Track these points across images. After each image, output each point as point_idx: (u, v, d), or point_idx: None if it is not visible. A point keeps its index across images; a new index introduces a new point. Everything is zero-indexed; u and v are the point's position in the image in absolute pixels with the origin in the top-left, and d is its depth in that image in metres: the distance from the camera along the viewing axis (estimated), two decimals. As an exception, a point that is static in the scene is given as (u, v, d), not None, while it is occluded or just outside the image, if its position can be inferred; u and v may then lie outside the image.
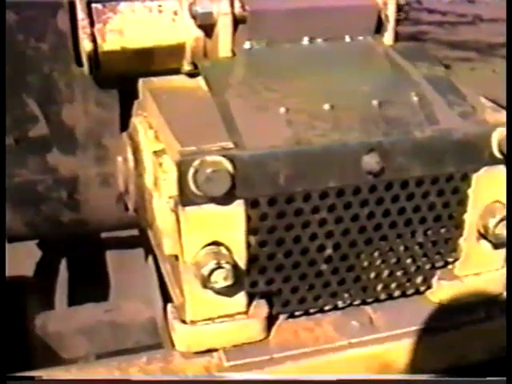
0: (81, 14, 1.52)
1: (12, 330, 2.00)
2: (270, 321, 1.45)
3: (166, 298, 1.67)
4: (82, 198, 1.78)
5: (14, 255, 2.29)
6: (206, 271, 1.29)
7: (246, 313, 1.41)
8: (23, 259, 2.38)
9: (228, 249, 1.33)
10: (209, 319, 1.39)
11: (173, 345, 1.47)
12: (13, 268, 2.31)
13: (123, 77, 1.65)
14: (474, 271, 1.55)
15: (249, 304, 1.41)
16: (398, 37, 1.62)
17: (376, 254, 1.46)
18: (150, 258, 2.00)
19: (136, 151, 1.56)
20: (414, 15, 6.76)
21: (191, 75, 1.58)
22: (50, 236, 1.99)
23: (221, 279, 1.30)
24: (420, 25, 6.63)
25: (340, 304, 1.51)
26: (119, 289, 2.34)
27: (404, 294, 1.55)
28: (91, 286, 2.37)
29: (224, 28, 1.49)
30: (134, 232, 2.16)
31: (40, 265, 2.43)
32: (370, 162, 1.33)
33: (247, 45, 1.49)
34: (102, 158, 1.74)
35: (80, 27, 1.52)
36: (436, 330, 1.51)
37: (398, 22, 1.61)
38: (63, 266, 2.44)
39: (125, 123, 1.69)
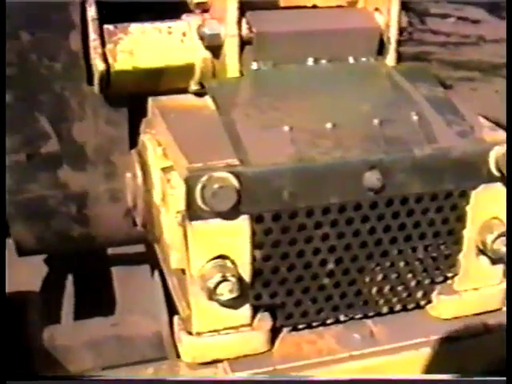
0: (93, 35, 1.56)
1: (18, 343, 2.03)
2: (274, 333, 1.48)
3: (172, 312, 1.70)
4: (91, 214, 1.81)
5: (22, 270, 2.33)
6: (211, 284, 1.33)
7: (250, 325, 1.44)
8: (30, 274, 2.41)
9: (233, 262, 1.36)
10: (214, 331, 1.43)
11: (178, 357, 1.50)
12: (20, 283, 2.35)
13: (133, 95, 1.69)
14: (473, 286, 1.58)
15: (253, 316, 1.44)
16: (401, 57, 1.65)
17: (377, 268, 1.49)
18: (156, 273, 2.02)
19: (144, 168, 1.59)
20: (418, 36, 6.79)
21: (199, 94, 1.62)
22: (59, 250, 2.01)
23: (226, 292, 1.33)
24: (424, 45, 6.65)
25: (342, 317, 1.53)
26: (125, 303, 2.36)
27: (404, 308, 1.57)
28: (97, 300, 2.39)
29: (231, 49, 1.53)
30: (141, 248, 2.19)
31: (47, 280, 2.46)
32: (371, 178, 1.37)
33: (254, 65, 1.53)
34: (111, 175, 1.77)
35: (92, 47, 1.56)
36: (435, 344, 1.53)
37: (401, 42, 1.65)
38: (69, 280, 2.46)
39: (133, 140, 1.72)
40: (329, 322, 1.54)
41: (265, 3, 1.59)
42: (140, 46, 1.59)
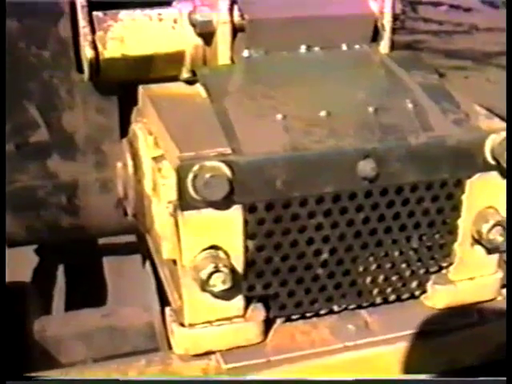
0: (82, 22, 1.54)
1: (10, 334, 2.01)
2: (267, 324, 1.47)
3: (164, 303, 1.69)
4: (81, 204, 1.79)
5: (12, 261, 2.31)
6: (204, 275, 1.31)
7: (243, 316, 1.43)
8: (21, 265, 2.40)
9: (226, 253, 1.35)
10: (207, 322, 1.41)
11: (170, 349, 1.49)
12: (10, 273, 2.33)
13: (123, 84, 1.67)
14: (468, 276, 1.57)
15: (246, 307, 1.43)
16: (394, 45, 1.64)
17: (371, 258, 1.48)
18: (148, 264, 2.01)
19: (135, 157, 1.58)
20: (410, 24, 6.79)
21: (190, 82, 1.60)
22: (49, 241, 2.00)
23: (219, 283, 1.32)
24: (416, 34, 6.66)
25: (336, 308, 1.52)
26: (117, 294, 2.35)
27: (399, 299, 1.57)
28: (88, 291, 2.38)
29: (223, 36, 1.51)
30: (132, 238, 2.17)
31: (37, 270, 2.45)
32: (366, 167, 1.36)
33: (246, 53, 1.51)
34: (102, 164, 1.76)
35: (82, 35, 1.54)
36: (430, 334, 1.53)
37: (394, 30, 1.63)
38: (60, 271, 2.45)
39: (124, 129, 1.70)
40: (323, 312, 1.52)
41: (257, -11, 1.57)
42: (130, 34, 1.57)
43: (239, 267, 1.37)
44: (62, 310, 2.29)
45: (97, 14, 1.57)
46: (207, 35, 1.54)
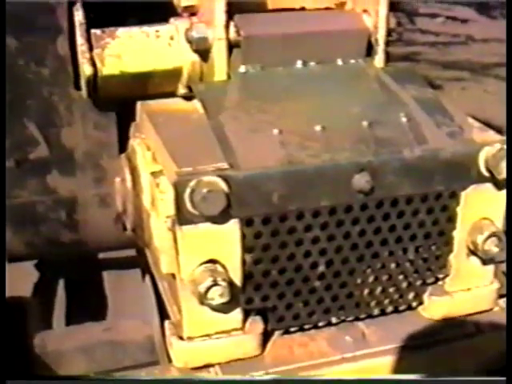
0: (80, 40, 1.56)
1: (11, 348, 2.02)
2: (266, 337, 1.48)
3: (163, 316, 1.70)
4: (80, 219, 1.81)
5: (13, 276, 2.32)
6: (202, 288, 1.32)
7: (241, 329, 1.44)
8: (21, 279, 2.40)
9: (224, 266, 1.36)
10: (205, 335, 1.42)
11: (170, 362, 1.50)
12: (11, 288, 2.34)
13: (121, 100, 1.69)
14: (465, 287, 1.58)
15: (244, 320, 1.44)
16: (391, 57, 1.66)
17: (368, 270, 1.49)
18: (147, 278, 2.02)
19: (134, 172, 1.59)
20: (407, 36, 6.81)
21: (187, 98, 1.61)
22: (49, 256, 2.01)
23: (217, 296, 1.33)
24: (413, 45, 6.68)
25: (334, 320, 1.53)
26: (117, 308, 2.36)
27: (396, 310, 1.58)
28: (89, 305, 2.38)
29: (219, 52, 1.52)
30: (131, 252, 2.18)
31: (38, 285, 2.45)
32: (361, 181, 1.37)
33: (242, 68, 1.53)
34: (101, 179, 1.77)
35: (80, 52, 1.56)
36: (428, 345, 1.54)
37: (390, 43, 1.65)
38: (61, 286, 2.46)
39: (122, 145, 1.72)
40: (320, 324, 1.53)
41: (253, 6, 1.59)
42: (128, 50, 1.59)
43: (237, 280, 1.38)
44: (63, 325, 2.30)
45: (94, 31, 1.59)
46: (204, 51, 1.56)
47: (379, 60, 1.63)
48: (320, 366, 1.47)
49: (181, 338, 1.43)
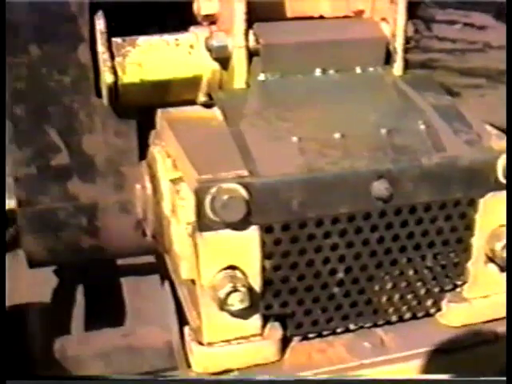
0: (101, 48, 1.58)
1: (30, 354, 2.04)
2: (284, 342, 1.49)
3: (182, 322, 1.71)
4: (101, 225, 1.82)
5: (32, 281, 2.34)
6: (222, 294, 1.33)
7: (260, 335, 1.45)
8: (41, 285, 2.43)
9: (243, 272, 1.37)
10: (225, 341, 1.43)
11: (189, 368, 1.51)
12: (31, 294, 2.36)
13: (141, 107, 1.70)
14: (482, 294, 1.58)
15: (263, 326, 1.45)
16: (408, 65, 1.66)
17: (387, 277, 1.50)
18: (167, 284, 2.03)
19: (154, 179, 1.61)
20: (424, 43, 6.79)
21: (207, 106, 1.63)
22: (69, 262, 2.02)
23: (237, 302, 1.34)
24: (430, 52, 6.66)
25: (352, 326, 1.54)
26: (135, 314, 2.37)
27: (414, 317, 1.58)
28: (107, 311, 2.40)
29: (239, 61, 1.54)
30: (150, 258, 2.20)
31: (57, 291, 2.47)
32: (380, 188, 1.38)
33: (261, 76, 1.54)
34: (121, 186, 1.78)
35: (101, 60, 1.58)
36: (445, 352, 1.54)
37: (407, 50, 1.66)
38: (80, 291, 2.47)
39: (143, 152, 1.73)
40: (339, 330, 1.54)
41: (272, 15, 1.61)
42: (148, 59, 1.61)
43: (256, 286, 1.39)
44: (82, 330, 2.31)
45: (115, 39, 1.60)
46: (223, 60, 1.58)
47: (397, 68, 1.63)
48: (338, 371, 1.47)
49: (200, 343, 1.44)
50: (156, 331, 2.14)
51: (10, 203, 2.02)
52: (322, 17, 1.67)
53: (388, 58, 1.64)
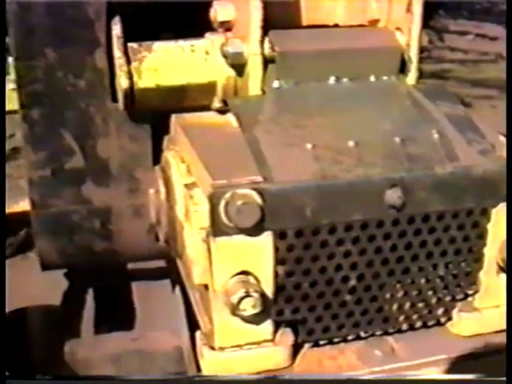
0: (118, 53, 1.59)
1: (39, 356, 2.05)
2: (296, 349, 1.49)
3: (193, 327, 1.71)
4: (114, 229, 1.82)
5: (43, 285, 2.35)
6: (235, 299, 1.34)
7: (272, 340, 1.46)
8: (52, 288, 2.43)
9: (256, 278, 1.38)
10: (236, 346, 1.44)
11: (199, 372, 1.52)
12: (41, 297, 2.37)
13: (156, 112, 1.71)
14: (494, 304, 1.58)
15: (275, 332, 1.46)
16: (421, 75, 1.67)
17: (398, 285, 1.50)
18: (177, 288, 2.04)
19: (168, 184, 1.61)
20: (436, 53, 6.79)
21: (221, 112, 1.64)
22: (82, 265, 2.03)
23: (249, 307, 1.35)
24: (443, 63, 6.65)
25: (363, 334, 1.54)
26: (145, 318, 2.37)
27: (425, 325, 1.58)
28: (118, 315, 2.40)
29: (254, 67, 1.55)
30: (161, 263, 2.20)
31: (68, 293, 2.48)
32: (393, 196, 1.39)
33: (276, 84, 1.55)
34: (135, 190, 1.79)
35: (117, 65, 1.59)
36: (456, 361, 1.54)
37: (421, 59, 1.67)
38: (90, 295, 2.48)
39: (157, 157, 1.74)
40: (350, 338, 1.54)
41: (287, 22, 1.62)
42: (164, 64, 1.62)
43: (269, 292, 1.40)
44: (92, 334, 2.32)
45: (132, 44, 1.62)
46: (239, 66, 1.59)
47: (411, 77, 1.64)
48: (349, 379, 1.48)
49: (212, 348, 1.45)
50: (166, 335, 2.14)
51: (23, 205, 2.03)
52: (337, 25, 1.68)
53: (402, 68, 1.64)
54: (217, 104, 1.67)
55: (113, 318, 2.38)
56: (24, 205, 1.91)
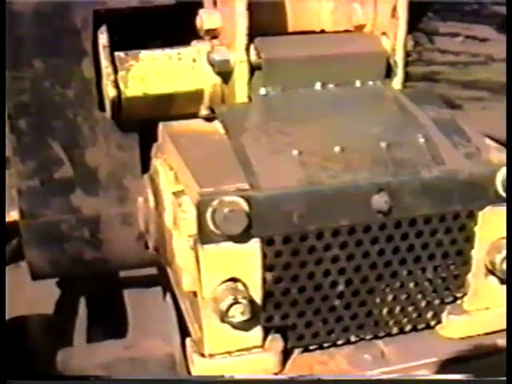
0: (105, 62, 1.59)
1: (32, 364, 2.05)
2: (285, 354, 1.49)
3: (184, 334, 1.71)
4: (103, 237, 1.83)
5: (35, 294, 2.35)
6: (223, 306, 1.34)
7: (262, 346, 1.46)
8: (44, 297, 2.44)
9: (245, 285, 1.38)
10: (226, 353, 1.44)
11: (190, 379, 1.52)
12: (34, 306, 2.37)
13: (143, 121, 1.72)
14: (483, 306, 1.58)
15: (265, 338, 1.45)
16: (411, 77, 1.68)
17: (387, 289, 1.50)
18: (168, 296, 2.04)
19: (156, 192, 1.62)
20: (426, 55, 6.80)
21: (209, 119, 1.64)
22: (72, 274, 2.03)
23: (238, 314, 1.35)
24: (433, 65, 6.67)
25: (353, 338, 1.54)
26: (138, 326, 2.38)
27: (415, 329, 1.58)
28: (110, 323, 2.41)
29: (240, 75, 1.56)
30: (152, 270, 2.21)
31: (60, 302, 2.48)
32: (380, 201, 1.39)
33: (263, 90, 1.56)
34: (124, 199, 1.79)
35: (104, 74, 1.59)
36: (446, 364, 1.54)
37: (409, 63, 1.67)
38: (82, 303, 2.48)
39: (145, 165, 1.75)
40: (340, 342, 1.54)
41: (273, 29, 1.62)
42: (151, 73, 1.62)
43: (258, 299, 1.40)
44: (84, 342, 2.32)
45: (118, 53, 1.62)
46: (225, 74, 1.59)
47: (397, 81, 1.65)
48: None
49: (202, 355, 1.45)
50: (158, 343, 2.15)
51: (13, 215, 2.03)
52: (323, 31, 1.69)
53: (388, 72, 1.65)
54: (204, 112, 1.67)
55: (105, 325, 2.38)
56: (14, 214, 1.91)
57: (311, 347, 1.53)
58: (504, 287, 1.57)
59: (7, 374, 1.44)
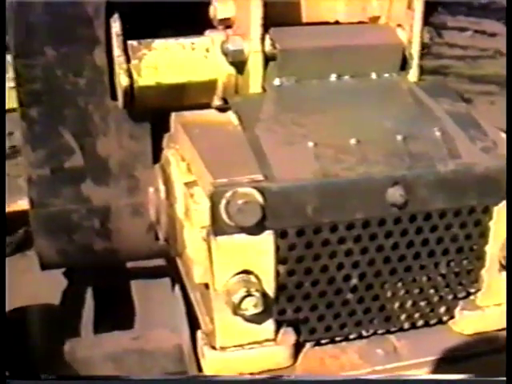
0: (117, 51, 1.58)
1: (39, 355, 2.04)
2: (297, 348, 1.49)
3: (193, 326, 1.70)
4: (113, 228, 1.82)
5: (42, 283, 2.34)
6: (236, 299, 1.33)
7: (274, 340, 1.45)
8: (51, 287, 2.43)
9: (257, 277, 1.37)
10: (238, 345, 1.43)
11: (200, 371, 1.51)
12: (41, 296, 2.36)
13: (156, 110, 1.70)
14: (496, 302, 1.57)
15: (277, 331, 1.45)
16: (422, 71, 1.66)
17: (400, 284, 1.50)
18: (177, 287, 2.03)
19: (167, 182, 1.61)
20: (435, 49, 6.77)
21: (222, 110, 1.63)
22: (81, 264, 2.02)
23: (251, 306, 1.34)
24: (442, 59, 6.64)
25: (365, 332, 1.54)
26: (145, 317, 2.37)
27: (427, 324, 1.57)
28: (117, 314, 2.40)
29: (255, 65, 1.54)
30: (161, 261, 2.20)
31: (67, 293, 2.47)
32: (395, 194, 1.38)
33: (277, 81, 1.54)
34: (134, 189, 1.78)
35: (117, 63, 1.58)
36: (458, 359, 1.54)
37: (421, 56, 1.66)
38: (89, 294, 2.47)
39: (156, 155, 1.73)
40: (352, 337, 1.54)
41: (288, 20, 1.60)
42: (164, 62, 1.61)
43: (270, 291, 1.39)
44: (92, 333, 2.31)
45: (131, 42, 1.61)
46: (239, 64, 1.58)
47: (413, 74, 1.63)
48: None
49: (213, 347, 1.44)
50: (166, 334, 2.14)
51: (21, 204, 2.02)
52: (337, 22, 1.67)
53: (403, 65, 1.63)
54: (217, 102, 1.66)
55: (113, 316, 2.37)
56: (23, 203, 1.89)
57: (323, 341, 1.52)
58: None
59: (7, 373, 1.43)
